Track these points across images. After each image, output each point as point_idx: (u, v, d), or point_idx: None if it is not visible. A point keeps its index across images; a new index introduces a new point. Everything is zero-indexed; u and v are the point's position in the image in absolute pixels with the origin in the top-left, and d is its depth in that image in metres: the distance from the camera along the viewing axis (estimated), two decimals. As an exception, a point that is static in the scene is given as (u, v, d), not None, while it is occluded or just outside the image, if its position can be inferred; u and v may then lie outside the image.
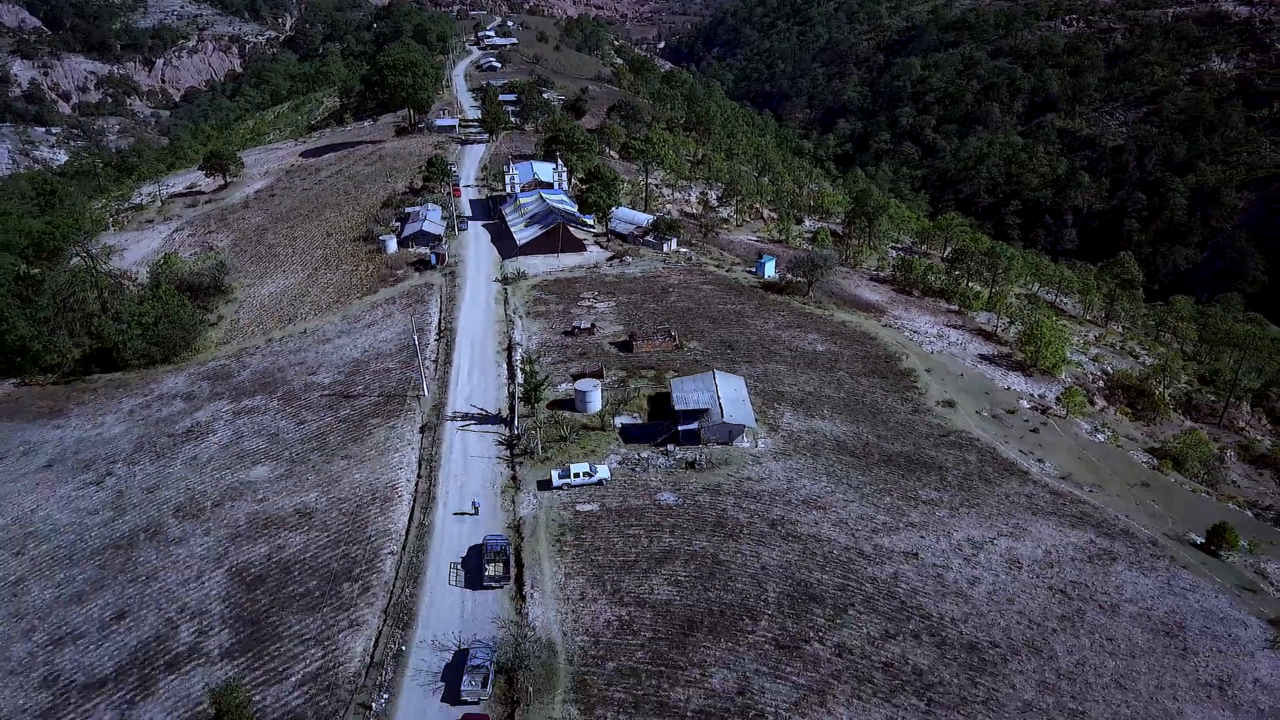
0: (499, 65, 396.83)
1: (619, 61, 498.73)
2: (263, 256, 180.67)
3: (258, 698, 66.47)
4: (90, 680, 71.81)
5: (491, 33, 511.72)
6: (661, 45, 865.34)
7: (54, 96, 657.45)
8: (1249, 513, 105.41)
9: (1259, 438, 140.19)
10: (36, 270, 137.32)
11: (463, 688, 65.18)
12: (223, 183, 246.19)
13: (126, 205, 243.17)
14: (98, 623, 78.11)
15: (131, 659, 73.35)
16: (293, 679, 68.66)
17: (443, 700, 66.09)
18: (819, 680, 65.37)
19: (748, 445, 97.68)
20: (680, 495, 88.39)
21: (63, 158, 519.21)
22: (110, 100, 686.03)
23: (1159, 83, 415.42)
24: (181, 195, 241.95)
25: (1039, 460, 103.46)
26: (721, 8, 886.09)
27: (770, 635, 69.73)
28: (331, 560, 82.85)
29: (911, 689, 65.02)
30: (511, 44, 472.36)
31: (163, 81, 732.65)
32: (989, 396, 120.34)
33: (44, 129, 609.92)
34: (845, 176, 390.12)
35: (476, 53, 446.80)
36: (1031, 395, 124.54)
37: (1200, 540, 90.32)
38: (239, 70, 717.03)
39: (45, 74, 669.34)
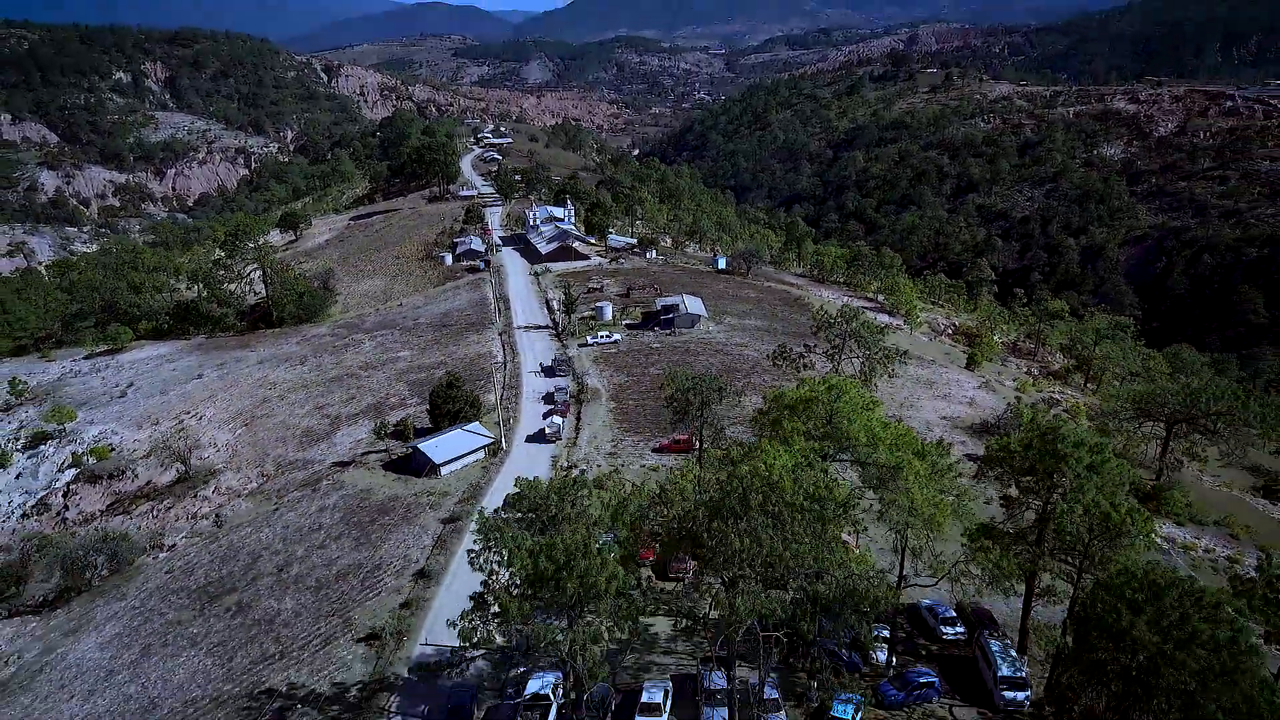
0: (500, 158, 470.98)
1: (598, 158, 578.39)
2: (350, 272, 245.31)
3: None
4: (349, 415, 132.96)
5: (489, 134, 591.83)
6: (635, 152, 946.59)
7: (76, 203, 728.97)
8: (1025, 371, 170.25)
9: (1056, 364, 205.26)
10: (224, 258, 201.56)
11: (555, 396, 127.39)
12: (293, 237, 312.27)
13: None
14: (339, 400, 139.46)
15: (367, 409, 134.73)
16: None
17: (544, 405, 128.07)
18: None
19: (703, 329, 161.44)
20: (663, 345, 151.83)
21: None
22: (130, 205, 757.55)
23: (1059, 166, 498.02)
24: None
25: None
26: (689, 117, 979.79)
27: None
28: (465, 377, 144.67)
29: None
30: (508, 142, 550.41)
31: (174, 189, 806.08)
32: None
33: (75, 229, 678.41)
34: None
35: (478, 150, 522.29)
36: (890, 323, 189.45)
37: (964, 365, 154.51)
38: (250, 178, 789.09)
39: (68, 183, 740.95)
